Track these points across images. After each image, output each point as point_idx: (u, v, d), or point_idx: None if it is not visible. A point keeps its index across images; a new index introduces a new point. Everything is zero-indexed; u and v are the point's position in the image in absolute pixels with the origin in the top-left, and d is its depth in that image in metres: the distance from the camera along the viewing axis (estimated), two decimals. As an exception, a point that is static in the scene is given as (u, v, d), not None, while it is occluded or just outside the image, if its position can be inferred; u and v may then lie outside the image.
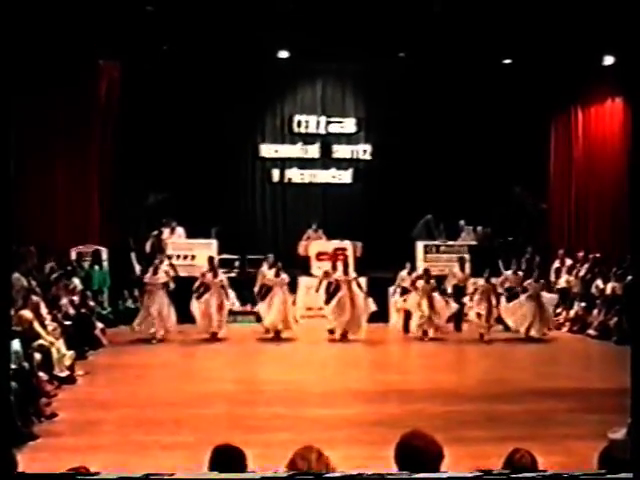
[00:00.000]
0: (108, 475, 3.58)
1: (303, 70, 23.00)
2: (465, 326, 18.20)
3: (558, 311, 19.03)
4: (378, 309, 17.80)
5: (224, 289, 17.12)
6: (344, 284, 17.20)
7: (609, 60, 19.10)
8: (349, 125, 23.61)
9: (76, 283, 17.26)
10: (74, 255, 19.04)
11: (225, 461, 4.26)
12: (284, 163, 23.40)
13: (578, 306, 19.08)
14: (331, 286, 17.45)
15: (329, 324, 17.34)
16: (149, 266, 17.38)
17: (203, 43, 18.47)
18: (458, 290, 18.35)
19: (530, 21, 16.47)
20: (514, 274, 18.44)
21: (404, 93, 22.57)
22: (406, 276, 18.44)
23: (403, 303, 18.07)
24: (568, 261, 20.28)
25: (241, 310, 18.61)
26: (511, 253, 19.99)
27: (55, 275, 16.66)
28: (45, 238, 18.06)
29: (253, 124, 23.26)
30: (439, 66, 20.97)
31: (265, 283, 17.51)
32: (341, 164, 23.56)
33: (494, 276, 17.89)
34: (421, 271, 18.26)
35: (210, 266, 17.35)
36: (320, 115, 23.48)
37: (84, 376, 12.98)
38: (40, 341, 12.00)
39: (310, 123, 23.41)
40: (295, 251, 20.95)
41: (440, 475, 3.72)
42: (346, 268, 17.54)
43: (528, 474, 3.72)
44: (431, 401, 11.35)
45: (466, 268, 18.65)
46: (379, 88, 23.03)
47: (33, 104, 17.95)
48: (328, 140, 23.49)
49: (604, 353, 16.39)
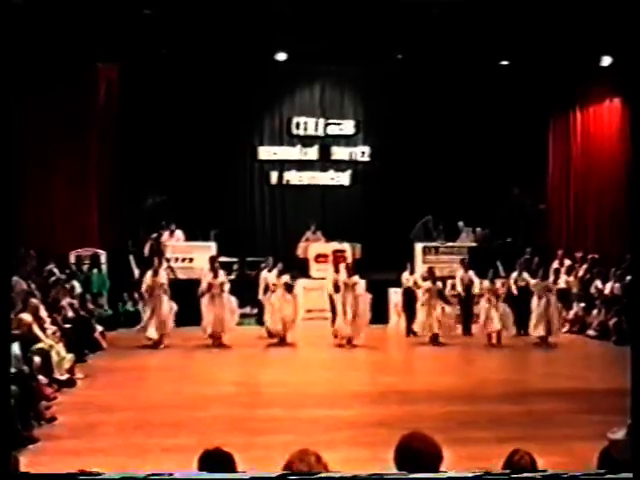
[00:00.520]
0: (109, 475, 3.58)
1: (302, 72, 23.00)
2: (474, 328, 18.05)
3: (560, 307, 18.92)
4: (377, 311, 17.74)
5: (225, 290, 16.91)
6: (348, 288, 17.06)
7: (607, 61, 19.08)
8: (348, 127, 23.61)
9: (75, 286, 17.28)
10: (73, 258, 19.06)
11: (214, 465, 4.24)
12: (283, 165, 23.39)
13: (577, 307, 19.09)
14: (338, 289, 17.23)
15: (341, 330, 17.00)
16: (148, 269, 17.36)
17: (201, 46, 18.47)
18: (464, 292, 18.24)
19: (528, 22, 16.47)
20: (519, 276, 18.11)
21: (402, 95, 22.59)
22: (409, 276, 18.33)
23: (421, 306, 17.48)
24: (567, 262, 20.26)
25: (241, 312, 18.57)
26: (510, 254, 19.97)
27: (54, 278, 16.65)
28: (44, 241, 18.09)
29: (252, 126, 23.27)
30: (437, 68, 20.96)
31: (267, 285, 17.40)
32: (340, 166, 23.56)
33: (497, 277, 17.83)
34: (425, 271, 18.03)
35: (211, 266, 17.23)
36: (319, 117, 23.47)
37: (84, 379, 12.98)
38: (39, 344, 11.99)
39: (309, 125, 23.41)
40: (294, 253, 20.94)
41: (438, 475, 3.72)
42: (349, 272, 17.38)
43: (528, 474, 3.72)
44: (431, 402, 11.36)
45: (470, 270, 18.45)
46: (377, 90, 23.05)
47: (32, 106, 17.95)
48: (327, 142, 23.48)
49: (603, 353, 16.41)
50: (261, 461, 5.06)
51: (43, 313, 13.37)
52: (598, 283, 18.94)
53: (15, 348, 10.18)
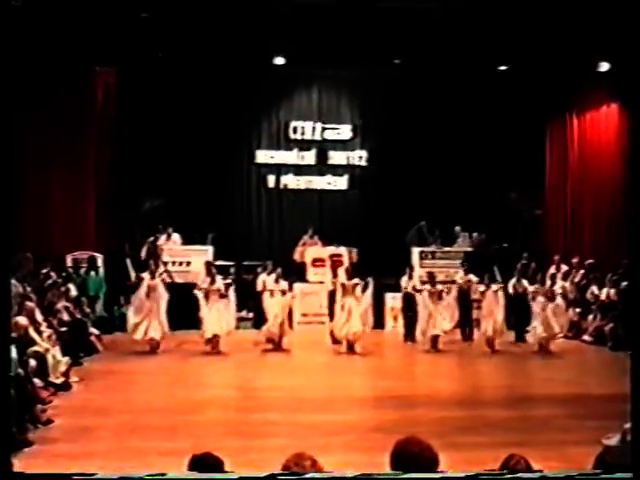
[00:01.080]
0: (104, 476, 3.59)
1: (299, 76, 23.00)
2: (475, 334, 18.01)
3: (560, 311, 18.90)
4: (374, 316, 17.72)
5: (222, 296, 16.88)
6: (348, 292, 17.03)
7: (604, 66, 19.09)
8: (345, 131, 23.61)
9: (71, 289, 17.25)
10: (70, 261, 19.04)
11: (204, 470, 4.22)
12: (280, 169, 23.37)
13: (573, 312, 19.08)
14: (335, 294, 17.22)
15: (338, 334, 16.94)
16: (144, 272, 17.32)
17: (199, 49, 18.47)
18: (463, 297, 18.20)
19: (526, 28, 16.50)
20: (517, 282, 18.14)
21: (400, 99, 22.60)
22: (408, 281, 18.22)
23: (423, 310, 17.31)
24: (564, 267, 20.25)
25: (237, 316, 18.55)
26: (507, 259, 19.96)
27: (50, 281, 16.63)
28: (41, 244, 18.05)
29: (249, 130, 23.27)
30: (435, 73, 20.96)
31: (265, 290, 17.38)
32: (337, 170, 23.55)
33: (494, 282, 17.84)
34: (425, 275, 18.00)
35: (207, 271, 17.21)
36: (316, 121, 23.47)
37: (79, 382, 12.95)
38: (35, 347, 11.98)
39: (306, 129, 23.41)
40: (291, 257, 20.95)
41: (432, 475, 3.72)
42: (349, 275, 17.34)
43: (521, 474, 3.73)
44: (428, 407, 11.36)
45: (470, 274, 18.45)
46: (375, 94, 23.06)
47: (29, 110, 17.93)
48: (324, 146, 23.48)
49: (599, 359, 16.42)
50: (257, 465, 5.06)
51: (39, 316, 13.38)
52: (594, 288, 18.94)
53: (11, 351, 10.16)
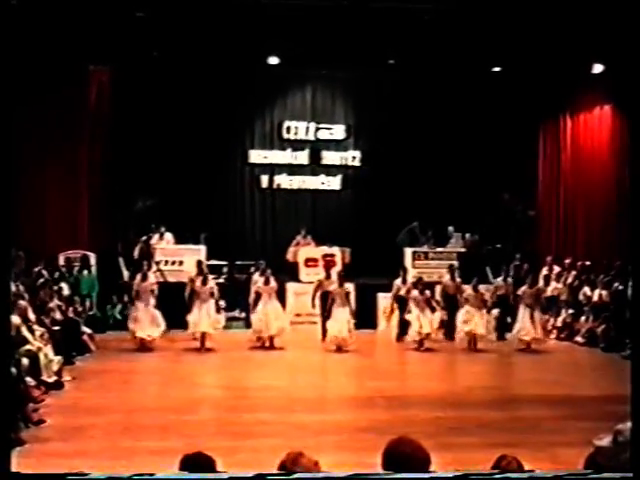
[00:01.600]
0: (97, 476, 3.60)
1: (293, 76, 23.00)
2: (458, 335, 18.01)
3: (545, 318, 19.00)
4: (366, 316, 17.75)
5: (213, 297, 16.89)
6: (339, 296, 16.99)
7: (598, 68, 19.14)
8: (338, 131, 23.61)
9: (63, 288, 17.22)
10: (62, 260, 19.02)
11: (195, 469, 4.22)
12: (273, 169, 23.36)
13: (566, 313, 19.12)
14: (328, 296, 17.22)
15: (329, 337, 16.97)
16: (137, 272, 17.33)
17: (193, 49, 18.46)
18: (449, 299, 18.14)
19: (519, 29, 16.52)
20: (504, 281, 18.37)
21: (393, 100, 22.64)
22: (401, 285, 18.23)
23: (408, 314, 17.39)
24: (556, 268, 20.28)
25: (230, 316, 18.55)
26: (499, 260, 20.01)
27: (42, 280, 16.60)
28: (34, 243, 17.99)
29: (242, 130, 23.26)
30: (429, 73, 21.00)
31: (256, 291, 17.37)
32: (330, 170, 23.55)
33: (482, 284, 17.87)
34: (415, 280, 17.97)
35: (198, 271, 17.21)
36: (310, 121, 23.47)
37: (72, 382, 12.94)
38: (27, 346, 11.97)
39: (299, 129, 23.41)
40: (284, 257, 20.94)
41: (422, 475, 3.72)
42: (341, 279, 17.35)
43: (510, 474, 3.74)
44: (420, 408, 11.37)
45: (456, 277, 18.47)
46: (369, 95, 23.07)
47: (22, 108, 17.87)
48: (317, 146, 23.47)
49: (592, 360, 16.46)
50: (248, 464, 5.06)
51: (31, 315, 13.35)
52: (587, 290, 18.97)
53: (3, 350, 10.15)
